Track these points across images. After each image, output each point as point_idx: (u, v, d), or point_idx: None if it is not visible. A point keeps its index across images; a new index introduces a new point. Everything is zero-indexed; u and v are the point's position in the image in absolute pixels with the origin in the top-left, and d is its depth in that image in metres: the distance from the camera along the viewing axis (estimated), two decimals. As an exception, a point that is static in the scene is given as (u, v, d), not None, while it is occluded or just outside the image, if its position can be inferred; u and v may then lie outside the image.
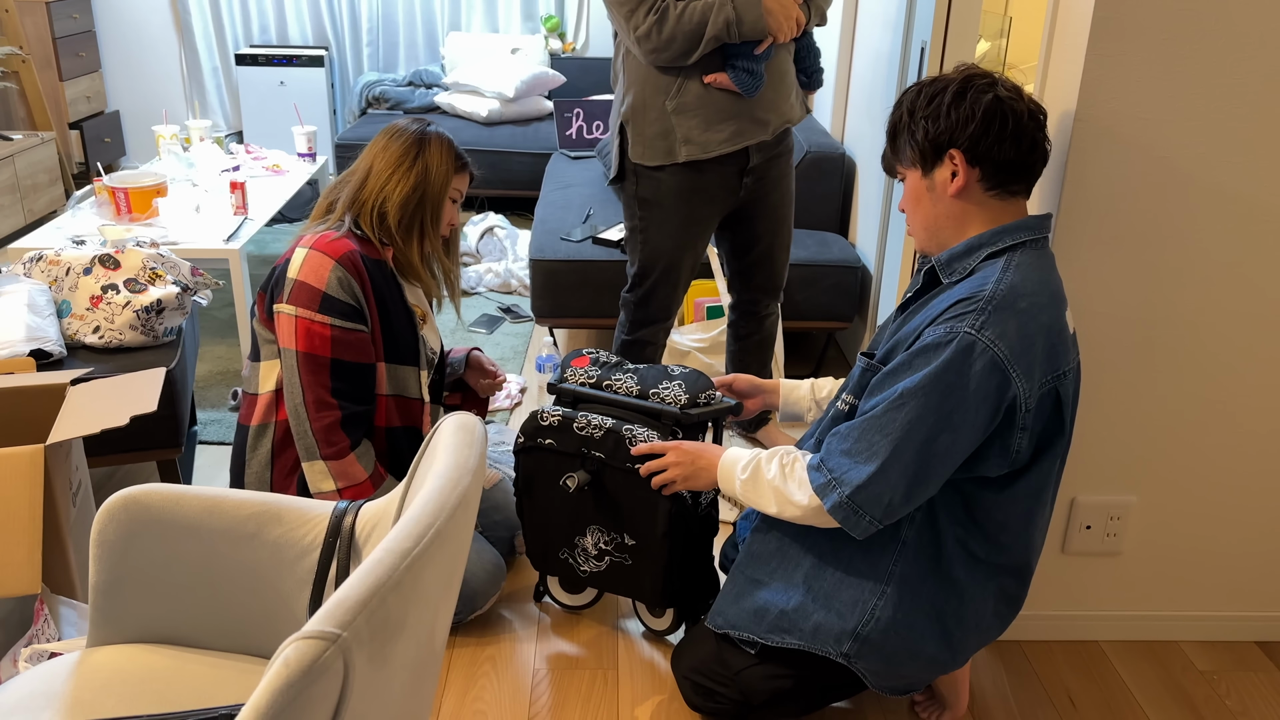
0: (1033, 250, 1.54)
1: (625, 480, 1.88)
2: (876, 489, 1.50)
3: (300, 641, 0.82)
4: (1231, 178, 1.78)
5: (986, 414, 1.47)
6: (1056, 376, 1.51)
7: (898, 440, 1.48)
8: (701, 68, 2.25)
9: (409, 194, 1.92)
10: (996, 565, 1.62)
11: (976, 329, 1.44)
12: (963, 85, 1.50)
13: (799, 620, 1.64)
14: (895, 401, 1.48)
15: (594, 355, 2.06)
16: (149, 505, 1.35)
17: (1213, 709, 1.93)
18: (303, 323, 1.84)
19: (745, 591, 1.72)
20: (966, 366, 1.44)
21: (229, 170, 3.80)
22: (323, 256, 1.85)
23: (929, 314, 1.53)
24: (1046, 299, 1.50)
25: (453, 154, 1.98)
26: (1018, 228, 1.54)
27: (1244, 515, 2.03)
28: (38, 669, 1.36)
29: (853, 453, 1.52)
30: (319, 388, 1.86)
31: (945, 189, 1.54)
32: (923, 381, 1.46)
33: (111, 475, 2.60)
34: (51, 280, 2.39)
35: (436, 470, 1.09)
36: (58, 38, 4.91)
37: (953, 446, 1.48)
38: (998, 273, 1.49)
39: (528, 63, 5.10)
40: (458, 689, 1.92)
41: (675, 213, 2.36)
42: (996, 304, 1.45)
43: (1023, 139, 1.50)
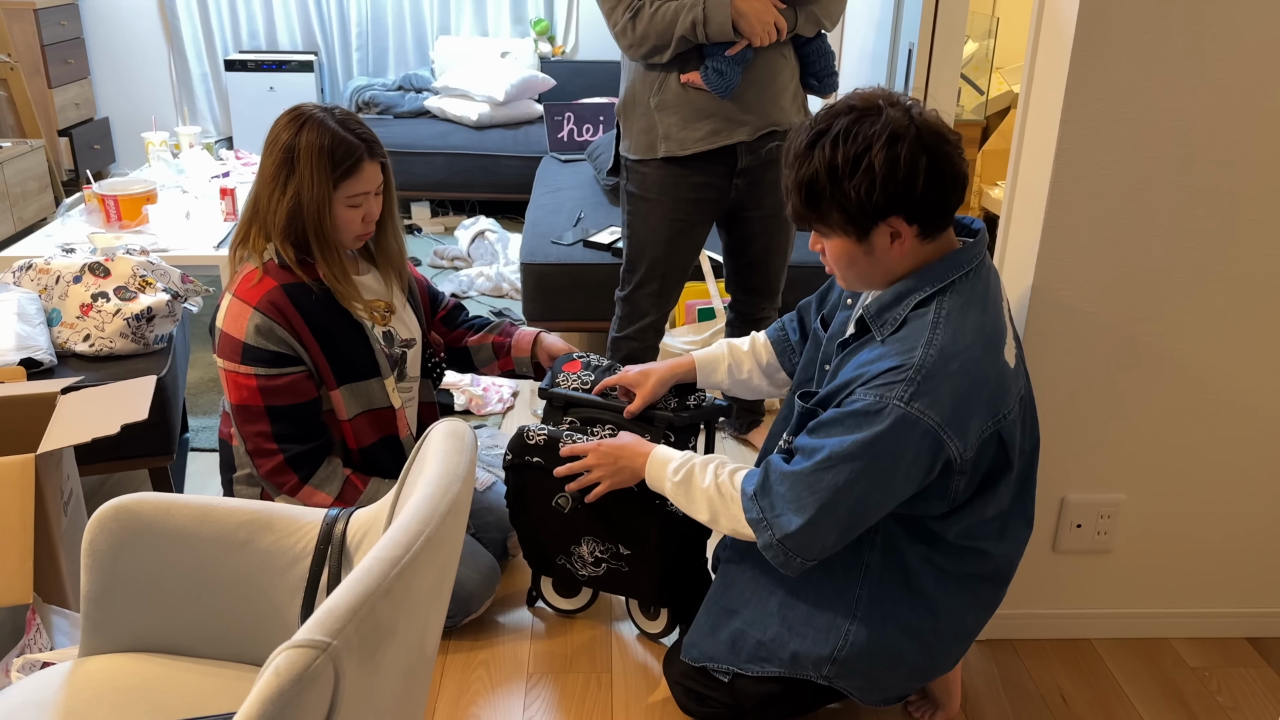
0: (965, 286, 1.49)
1: (615, 495, 1.86)
2: (807, 538, 1.50)
3: (291, 650, 0.82)
4: (1217, 177, 1.79)
5: (919, 473, 1.46)
6: (997, 420, 1.48)
7: (824, 500, 1.47)
8: (681, 66, 2.27)
9: (286, 223, 1.78)
10: (967, 577, 1.63)
11: (906, 401, 1.41)
12: (890, 144, 1.39)
13: (776, 650, 1.65)
14: (823, 463, 1.46)
15: (585, 359, 2.06)
16: (140, 514, 1.35)
17: (1204, 705, 1.94)
18: (230, 375, 1.83)
19: (720, 623, 1.72)
20: (897, 438, 1.42)
21: (219, 176, 3.79)
22: (241, 305, 1.80)
23: (863, 369, 1.48)
24: (980, 350, 1.45)
25: (326, 162, 1.75)
26: (947, 267, 1.48)
27: (1234, 512, 2.04)
28: (30, 679, 1.36)
29: (786, 498, 1.51)
30: (257, 437, 1.84)
31: (886, 251, 1.47)
32: (852, 449, 1.44)
33: (103, 484, 2.60)
34: (41, 289, 2.39)
35: (426, 477, 1.09)
36: (46, 45, 4.90)
37: (884, 502, 1.49)
38: (927, 331, 1.45)
39: (517, 66, 5.10)
40: (452, 693, 1.92)
41: (659, 206, 2.38)
42: (926, 372, 1.41)
43: (957, 183, 1.44)
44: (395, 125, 4.93)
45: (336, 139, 1.78)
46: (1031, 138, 1.85)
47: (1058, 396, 1.93)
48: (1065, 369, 1.91)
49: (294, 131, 1.77)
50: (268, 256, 1.84)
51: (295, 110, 1.81)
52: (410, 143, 4.73)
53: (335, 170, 1.77)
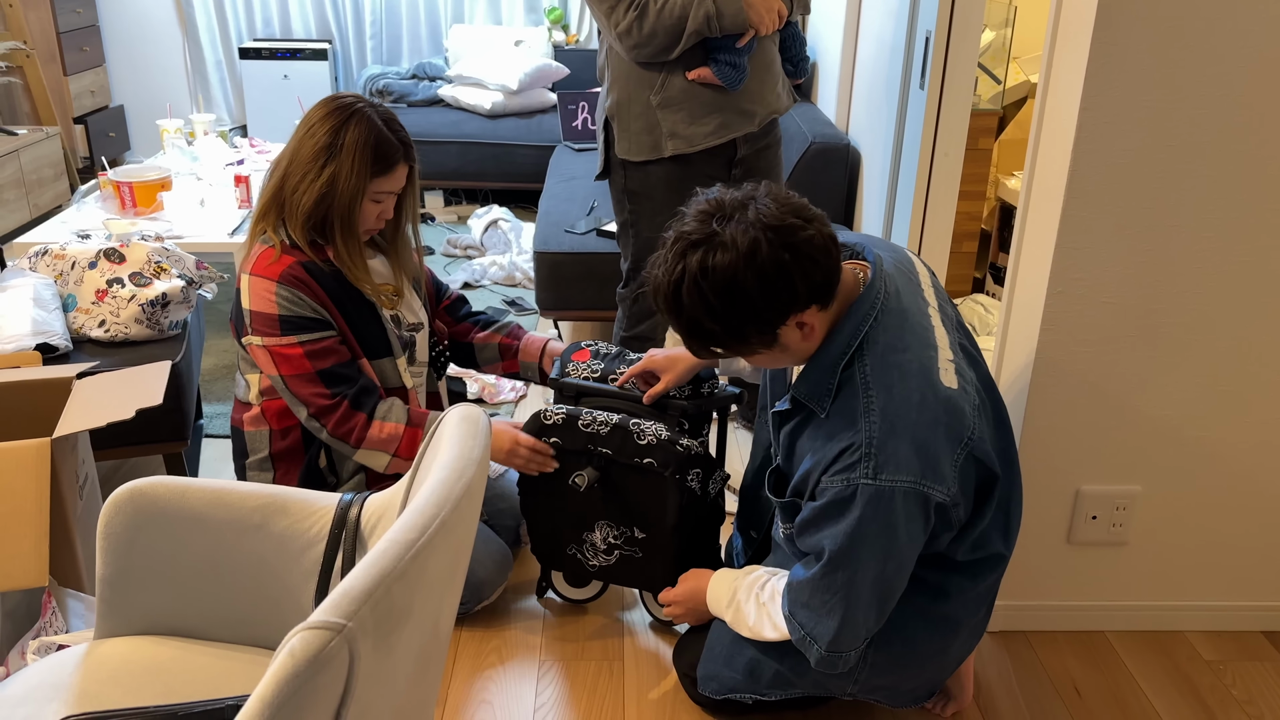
0: (877, 330, 1.45)
1: (634, 475, 1.88)
2: (850, 634, 1.50)
3: (306, 632, 0.82)
4: (1238, 166, 1.77)
5: (918, 529, 1.45)
6: (964, 445, 1.45)
7: (847, 595, 1.47)
8: (684, 63, 2.24)
9: (313, 206, 1.81)
10: (985, 586, 1.62)
11: (872, 476, 1.39)
12: (749, 258, 1.35)
13: (796, 676, 1.65)
14: (828, 565, 1.46)
15: (594, 348, 2.05)
16: (155, 497, 1.35)
17: (1218, 698, 1.93)
18: (274, 350, 1.84)
19: (735, 653, 1.71)
20: (880, 510, 1.41)
21: (233, 164, 3.80)
22: (263, 280, 1.82)
23: (818, 453, 1.46)
24: (917, 395, 1.41)
25: (369, 157, 1.79)
26: (855, 323, 1.45)
27: (1250, 505, 2.02)
28: (45, 661, 1.36)
29: (813, 607, 1.51)
30: (317, 398, 1.85)
31: (800, 341, 1.46)
32: (845, 542, 1.43)
33: (118, 469, 2.61)
34: (57, 274, 2.40)
35: (441, 462, 1.09)
36: (61, 32, 4.91)
37: (901, 569, 1.48)
38: (860, 398, 1.42)
39: (531, 55, 5.09)
40: (464, 679, 1.93)
41: (665, 204, 2.35)
42: (878, 443, 1.40)
43: (829, 250, 1.40)
44: (409, 114, 4.93)
45: (381, 137, 1.81)
46: (1050, 127, 1.83)
47: (1073, 387, 1.92)
48: (1081, 359, 1.90)
49: (341, 120, 1.79)
50: (281, 237, 1.86)
51: (343, 99, 1.83)
52: (424, 131, 4.73)
53: (375, 165, 1.81)
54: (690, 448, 1.85)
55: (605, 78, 2.37)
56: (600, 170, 2.43)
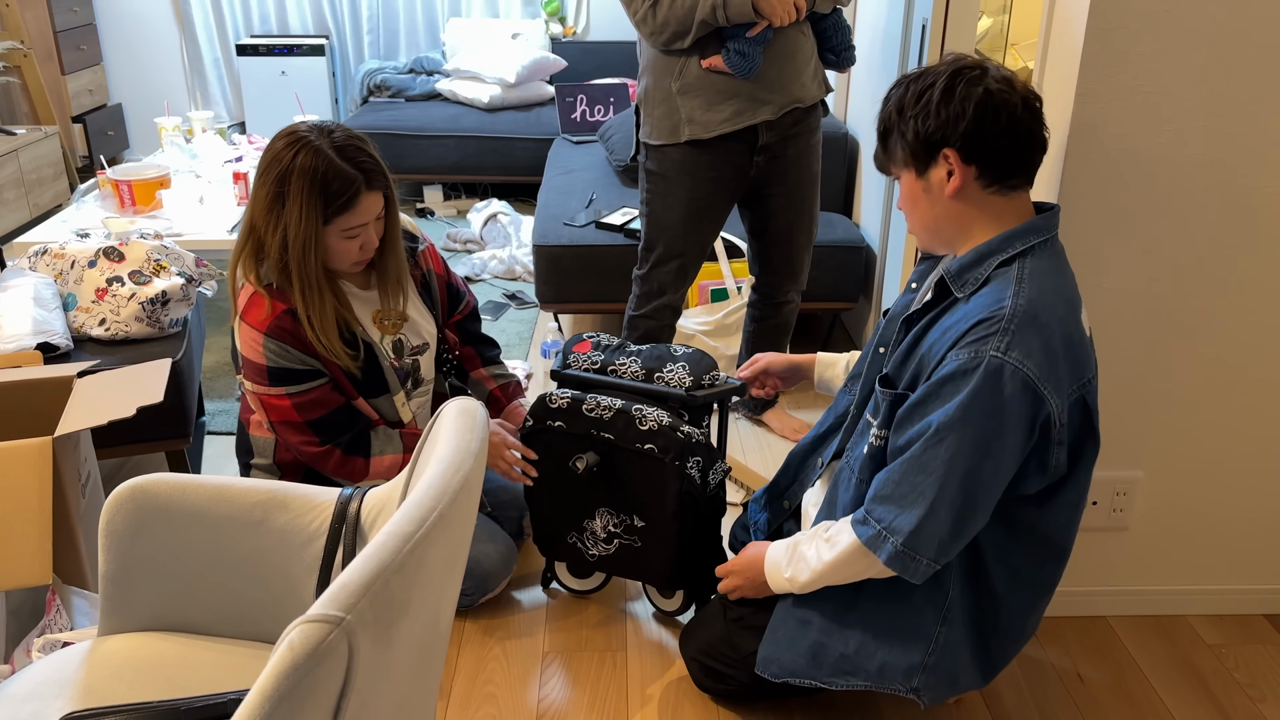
0: (1044, 252, 1.48)
1: (635, 461, 1.89)
2: (928, 532, 1.45)
3: (305, 625, 0.83)
4: (1236, 150, 1.77)
5: (1022, 435, 1.42)
6: (1082, 385, 1.46)
7: (941, 478, 1.42)
8: (701, 50, 2.27)
9: (279, 249, 1.70)
10: (1041, 581, 1.60)
11: (1003, 351, 1.38)
12: (951, 79, 1.43)
13: (862, 662, 1.59)
14: (932, 438, 1.42)
15: (595, 339, 2.06)
16: (156, 494, 1.36)
17: (1221, 682, 1.93)
18: (262, 398, 1.84)
19: (798, 635, 1.65)
20: (998, 391, 1.38)
21: (232, 161, 3.79)
22: (251, 330, 1.78)
23: (948, 334, 1.46)
24: (1065, 309, 1.45)
25: (318, 200, 1.64)
26: (1027, 230, 1.47)
27: (1251, 489, 2.02)
28: (50, 658, 1.37)
29: (895, 498, 1.47)
30: (306, 446, 1.86)
31: (942, 189, 1.47)
32: (956, 413, 1.40)
33: (121, 466, 2.62)
34: (57, 274, 2.40)
35: (439, 455, 1.09)
36: (59, 31, 4.91)
37: (996, 474, 1.44)
38: (1012, 285, 1.43)
39: (529, 48, 5.09)
40: (468, 671, 1.93)
41: (678, 184, 2.38)
42: (1019, 322, 1.39)
43: (1018, 131, 1.43)
44: (407, 108, 4.92)
45: (332, 171, 1.65)
46: (1047, 113, 1.82)
47: (1073, 373, 1.92)
48: (1081, 345, 1.90)
49: (289, 160, 1.65)
50: (266, 280, 1.78)
51: (289, 136, 1.68)
52: (422, 126, 4.73)
53: (328, 206, 1.67)
54: (691, 434, 1.86)
55: (640, 65, 2.44)
56: (633, 153, 2.52)
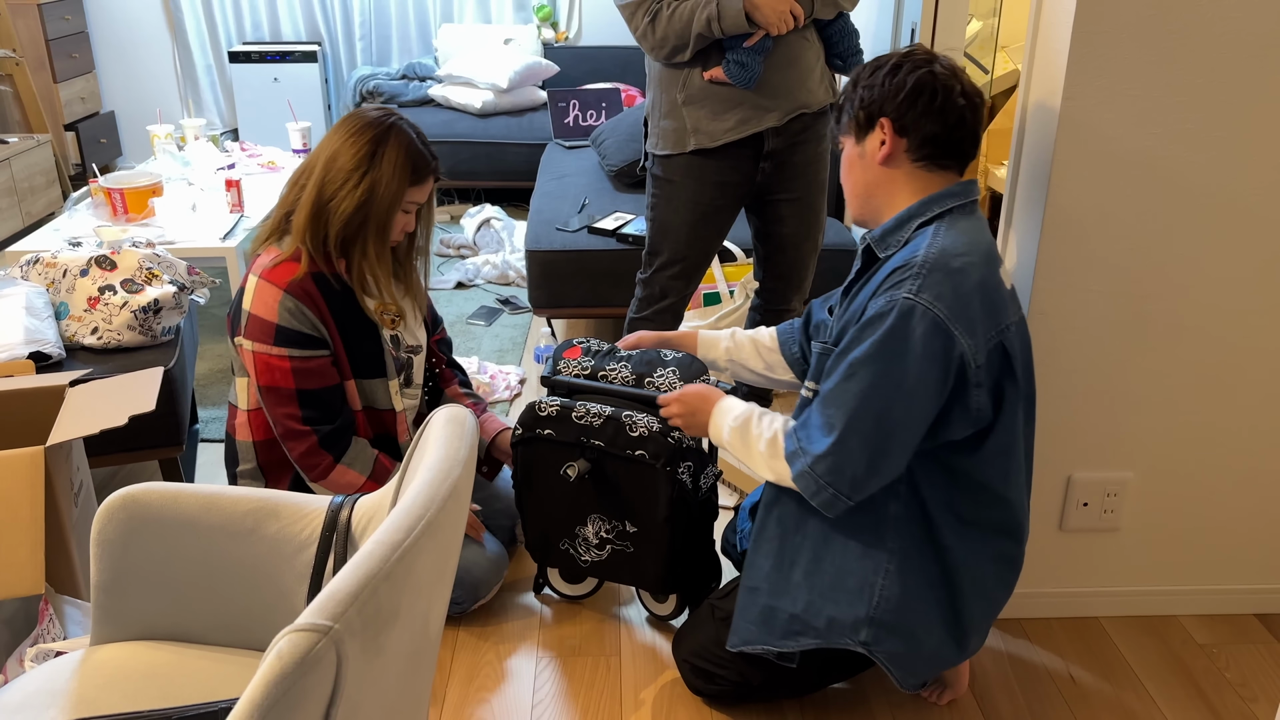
0: (961, 214, 1.57)
1: (625, 467, 1.89)
2: (836, 460, 1.53)
3: (293, 634, 0.83)
4: (1222, 152, 1.78)
5: (937, 375, 1.49)
6: (1000, 330, 1.54)
7: (851, 410, 1.52)
8: (703, 62, 2.29)
9: (353, 212, 1.82)
10: (986, 527, 1.63)
11: (914, 293, 1.48)
12: (902, 59, 1.57)
13: (810, 619, 1.64)
14: (845, 373, 1.53)
15: (585, 345, 2.06)
16: (147, 503, 1.36)
17: (1212, 681, 1.94)
18: (260, 357, 1.85)
19: (748, 604, 1.71)
20: (909, 331, 1.47)
21: (224, 168, 3.80)
22: (271, 287, 1.82)
23: (870, 288, 1.57)
24: (979, 257, 1.53)
25: (408, 166, 1.84)
26: (944, 195, 1.58)
27: (1241, 488, 2.03)
28: (43, 667, 1.37)
29: (815, 424, 1.57)
30: (286, 419, 1.87)
31: (874, 156, 1.58)
32: (869, 350, 1.50)
33: (114, 475, 2.62)
34: (49, 282, 2.40)
35: (427, 463, 1.10)
36: (51, 39, 4.91)
37: (909, 414, 1.51)
38: (929, 238, 1.53)
39: (521, 53, 5.09)
40: (462, 678, 1.94)
41: (684, 189, 2.39)
42: (930, 267, 1.49)
43: (949, 114, 1.54)
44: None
45: (416, 148, 1.87)
46: (1034, 116, 1.84)
47: (1063, 375, 1.93)
48: (1070, 347, 1.91)
49: (381, 131, 1.83)
50: (293, 243, 1.86)
51: (383, 111, 1.88)
52: (415, 132, 4.73)
53: (413, 173, 1.85)
54: (682, 439, 1.86)
55: (647, 78, 2.47)
56: (641, 162, 2.57)
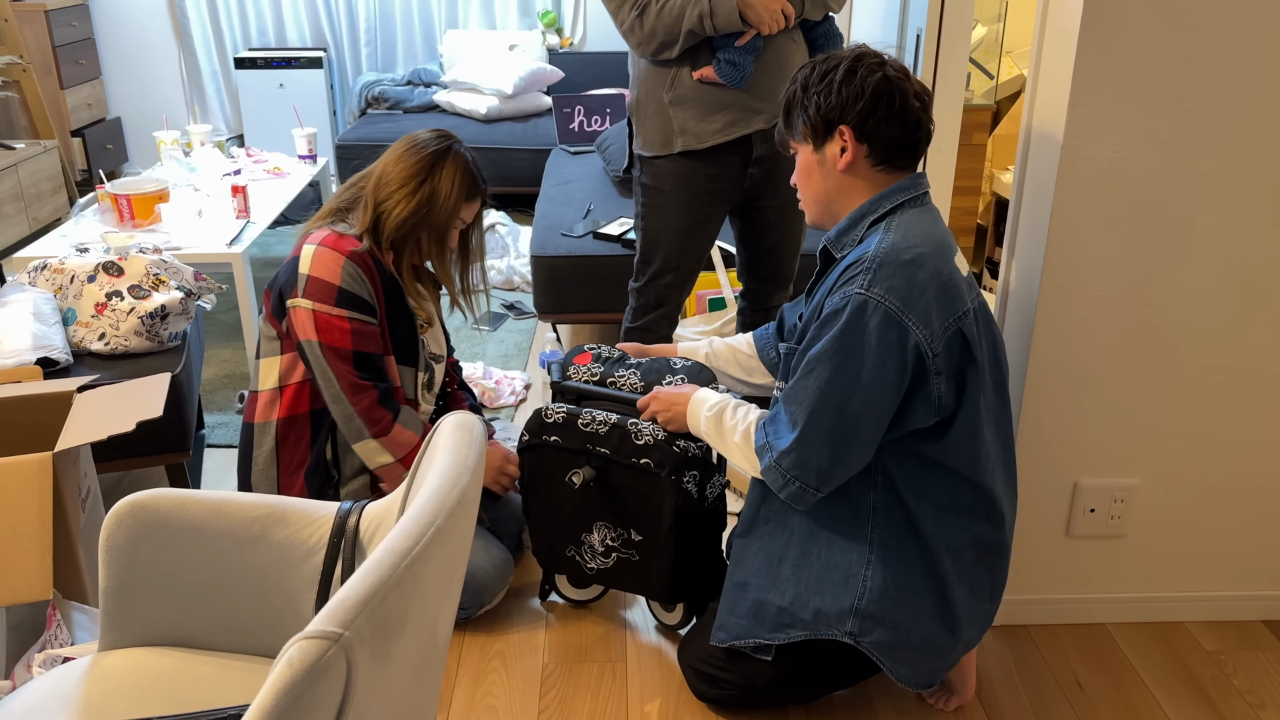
0: (912, 208, 1.60)
1: (631, 476, 1.89)
2: (801, 454, 1.57)
3: (303, 641, 0.83)
4: (1227, 159, 1.78)
5: (894, 367, 1.52)
6: (957, 318, 1.56)
7: (812, 405, 1.55)
8: (692, 61, 2.27)
9: (408, 216, 1.93)
10: (963, 512, 1.65)
11: (866, 288, 1.51)
12: (854, 63, 1.57)
13: (798, 611, 1.67)
14: (804, 370, 1.57)
15: (595, 351, 2.06)
16: (156, 510, 1.36)
17: (1220, 688, 1.93)
18: (321, 316, 1.89)
19: (738, 598, 1.74)
20: (862, 325, 1.51)
21: (230, 174, 3.81)
22: (333, 253, 1.90)
23: (826, 287, 1.61)
24: (930, 248, 1.55)
25: (465, 183, 1.96)
26: (894, 190, 1.61)
27: (1248, 494, 2.03)
28: (51, 673, 1.38)
29: (779, 419, 1.61)
30: (350, 375, 1.92)
31: (835, 164, 1.60)
32: (825, 347, 1.54)
33: (121, 480, 2.62)
34: (56, 288, 2.41)
35: (436, 470, 1.10)
36: (57, 46, 4.93)
37: (869, 406, 1.54)
38: (880, 235, 1.56)
39: (526, 59, 5.11)
40: (468, 684, 1.94)
41: (675, 198, 2.38)
42: (881, 261, 1.52)
43: (908, 117, 1.56)
44: (405, 120, 4.94)
45: (473, 169, 2.00)
46: (1040, 122, 1.84)
47: (1069, 381, 1.92)
48: (1076, 353, 1.91)
49: (443, 148, 1.96)
50: (355, 229, 1.96)
51: (444, 133, 2.01)
52: (420, 137, 4.74)
53: (467, 191, 1.97)
54: (687, 449, 1.86)
55: (630, 76, 2.44)
56: (625, 164, 2.53)
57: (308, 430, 1.99)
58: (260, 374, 2.00)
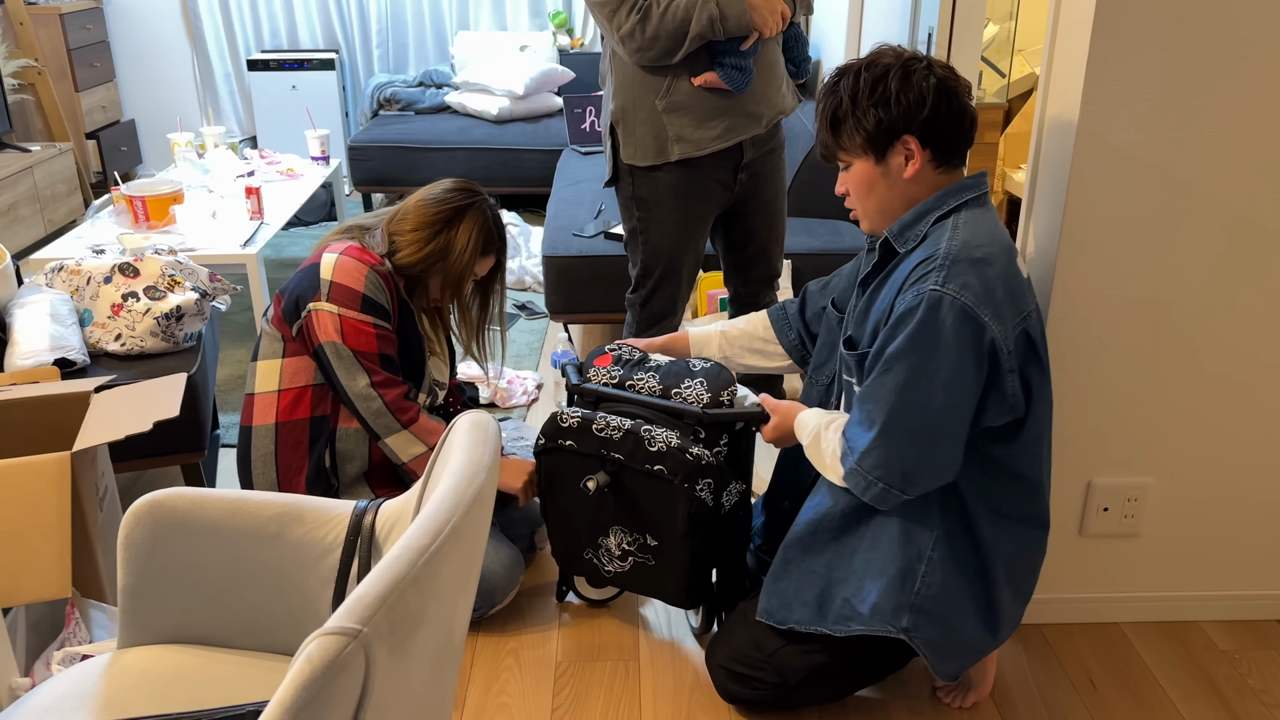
0: (975, 207, 1.61)
1: (645, 481, 1.87)
2: (882, 454, 1.56)
3: (322, 638, 0.84)
4: (1243, 155, 1.77)
5: (971, 363, 1.52)
6: (1024, 317, 1.57)
7: (890, 404, 1.54)
8: (689, 67, 2.23)
9: (418, 260, 1.98)
10: (1018, 517, 1.66)
11: (941, 284, 1.51)
12: (904, 70, 1.55)
13: (857, 605, 1.66)
14: (882, 368, 1.55)
15: (616, 353, 2.03)
16: (173, 509, 1.37)
17: (1234, 688, 1.93)
18: (348, 321, 1.92)
19: (804, 585, 1.72)
20: (939, 321, 1.50)
21: (244, 176, 3.83)
22: (357, 262, 1.94)
23: (894, 285, 1.59)
24: (998, 249, 1.56)
25: (481, 239, 2.00)
26: (959, 189, 1.61)
27: (1262, 493, 2.02)
28: (70, 671, 1.39)
29: (855, 422, 1.60)
30: (378, 370, 1.95)
31: (900, 173, 1.60)
32: (903, 345, 1.52)
33: (137, 480, 2.64)
34: (73, 290, 2.43)
35: (452, 468, 1.11)
36: (72, 49, 4.96)
37: (951, 405, 1.53)
38: (948, 232, 1.56)
39: (536, 60, 5.12)
40: (481, 682, 1.95)
41: (674, 210, 2.35)
42: (953, 258, 1.52)
43: (965, 115, 1.58)
44: (417, 121, 4.96)
45: (495, 225, 2.05)
46: (1052, 120, 1.84)
47: (1082, 380, 1.92)
48: (1090, 352, 1.90)
49: (469, 199, 2.00)
50: (376, 247, 2.00)
51: (471, 188, 2.05)
52: (432, 138, 4.76)
53: (484, 248, 2.02)
54: (701, 456, 1.83)
55: (608, 83, 2.35)
56: (609, 177, 2.42)
57: (306, 436, 2.00)
58: (258, 376, 2.01)
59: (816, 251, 3.11)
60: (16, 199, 4.25)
